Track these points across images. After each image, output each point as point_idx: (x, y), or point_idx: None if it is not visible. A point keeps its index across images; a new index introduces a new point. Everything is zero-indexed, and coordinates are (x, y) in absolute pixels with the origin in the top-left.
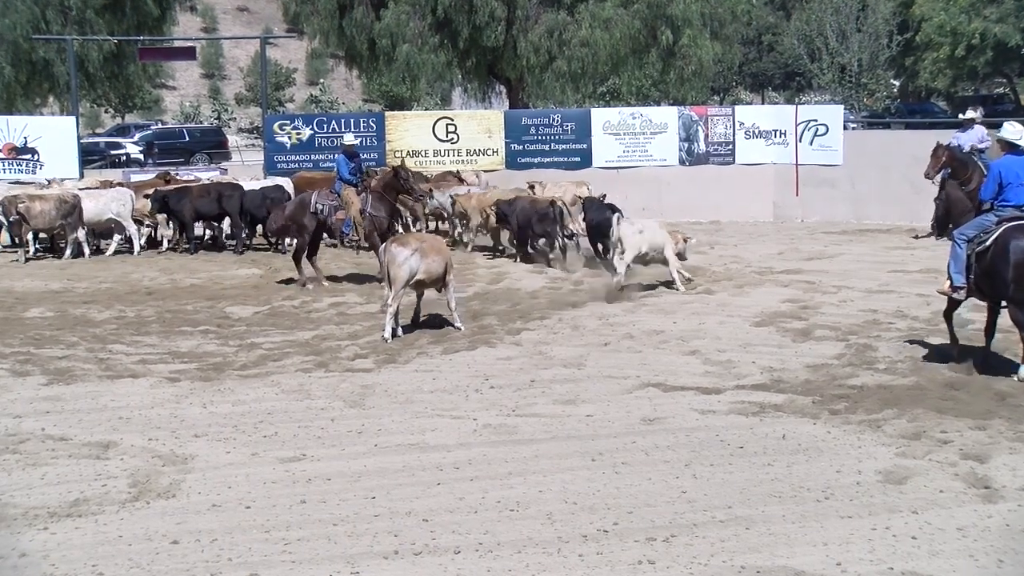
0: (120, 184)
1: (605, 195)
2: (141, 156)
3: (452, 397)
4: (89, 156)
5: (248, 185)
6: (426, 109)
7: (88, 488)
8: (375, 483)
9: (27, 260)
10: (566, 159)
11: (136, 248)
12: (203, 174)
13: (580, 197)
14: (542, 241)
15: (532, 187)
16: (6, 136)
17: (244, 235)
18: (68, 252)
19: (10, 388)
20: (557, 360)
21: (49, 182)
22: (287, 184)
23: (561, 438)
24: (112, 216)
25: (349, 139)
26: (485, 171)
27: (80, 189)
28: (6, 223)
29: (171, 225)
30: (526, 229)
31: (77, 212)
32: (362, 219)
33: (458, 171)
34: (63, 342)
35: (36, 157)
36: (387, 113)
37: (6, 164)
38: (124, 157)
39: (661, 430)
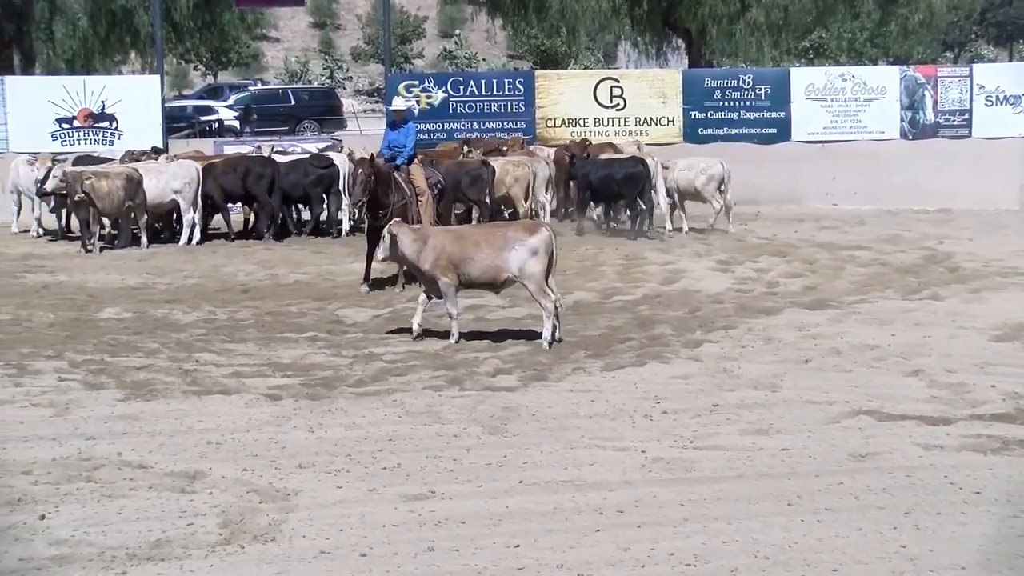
0: (191, 155)
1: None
2: (236, 123)
3: (615, 424)
4: (175, 123)
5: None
6: (585, 68)
7: (172, 527)
8: (519, 528)
9: (101, 250)
10: (758, 130)
11: (185, 238)
12: (311, 146)
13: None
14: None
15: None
16: (82, 100)
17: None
18: (184, 236)
19: (82, 403)
20: (745, 380)
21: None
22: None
23: (749, 477)
24: (173, 196)
25: (398, 103)
26: (656, 144)
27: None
28: (64, 205)
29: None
30: (605, 191)
31: (143, 192)
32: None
33: (638, 144)
34: (142, 349)
35: (115, 125)
36: (538, 72)
37: (82, 134)
38: (216, 124)
39: (874, 469)
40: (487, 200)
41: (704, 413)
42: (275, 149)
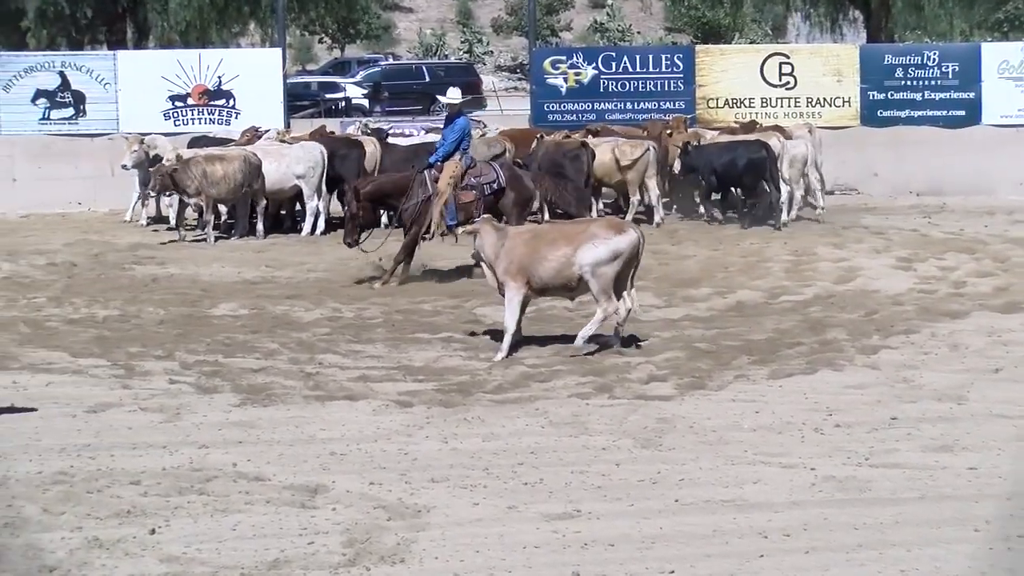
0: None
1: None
2: (365, 102)
3: (781, 438)
4: (298, 101)
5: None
6: (751, 42)
7: (290, 546)
8: (674, 552)
9: (216, 240)
10: (944, 113)
11: (308, 228)
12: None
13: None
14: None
15: None
16: (197, 76)
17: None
18: (307, 226)
19: (194, 408)
20: (928, 390)
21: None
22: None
23: (932, 498)
24: (296, 182)
25: (452, 95)
26: (829, 127)
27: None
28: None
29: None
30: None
31: (262, 177)
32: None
33: (809, 128)
34: (259, 350)
35: (232, 103)
36: (698, 47)
37: (197, 112)
38: (343, 103)
39: None
40: (584, 184)
41: (881, 427)
42: (391, 132)
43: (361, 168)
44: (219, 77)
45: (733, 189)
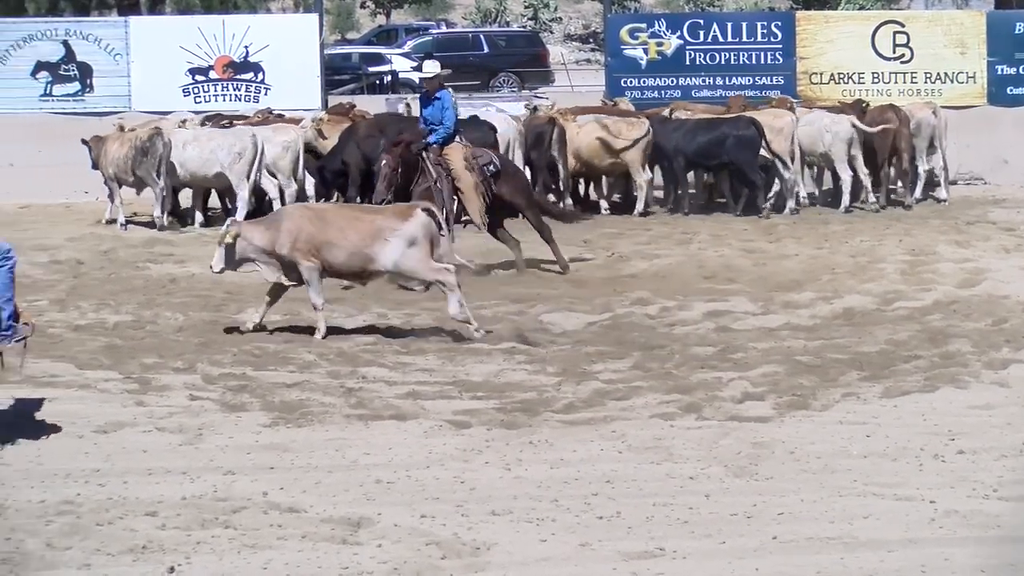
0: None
1: None
2: (414, 76)
3: (896, 466)
4: (336, 75)
5: None
6: (861, 8)
7: None
8: None
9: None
10: None
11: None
12: (509, 105)
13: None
14: None
15: None
16: (221, 46)
17: None
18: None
19: (219, 428)
20: None
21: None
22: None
23: None
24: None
25: (428, 69)
26: (952, 107)
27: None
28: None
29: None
30: None
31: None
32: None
33: (933, 109)
34: (293, 361)
35: (261, 77)
36: (799, 14)
37: (221, 88)
38: (389, 77)
39: None
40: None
41: (1012, 454)
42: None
43: None
44: (246, 47)
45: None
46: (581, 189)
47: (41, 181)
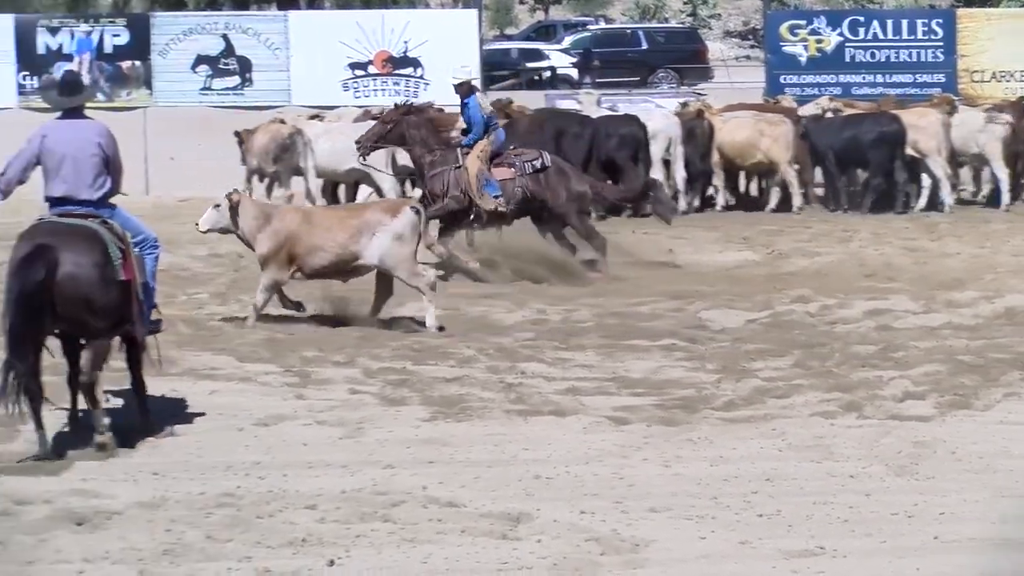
0: None
1: None
2: (573, 72)
3: None
4: (495, 71)
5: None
6: (1023, 6)
7: None
8: None
9: None
10: None
11: None
12: (666, 101)
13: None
14: None
15: None
16: (380, 41)
17: None
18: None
19: (379, 422)
20: None
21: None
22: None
23: None
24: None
25: (458, 75)
26: None
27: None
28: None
29: None
30: None
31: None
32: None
33: None
34: (453, 356)
35: (420, 72)
36: (960, 11)
37: (380, 82)
38: (547, 73)
39: None
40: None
41: None
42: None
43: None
44: (405, 42)
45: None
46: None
47: (201, 174)
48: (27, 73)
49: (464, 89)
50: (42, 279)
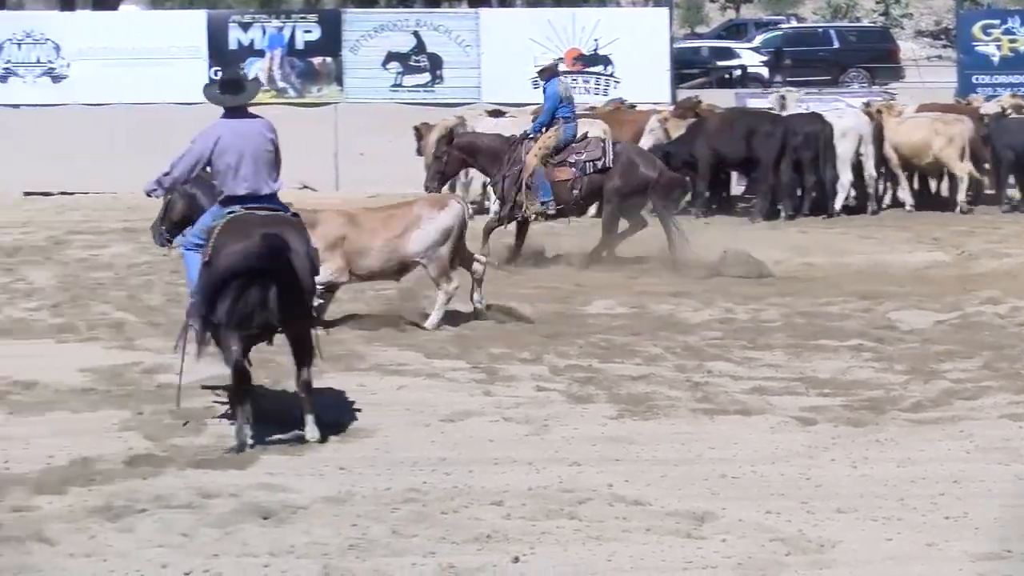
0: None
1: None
2: (764, 71)
3: None
4: (685, 69)
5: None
6: None
7: None
8: None
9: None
10: None
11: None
12: (857, 100)
13: None
14: None
15: None
16: (571, 38)
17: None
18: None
19: (565, 420)
20: None
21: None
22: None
23: None
24: None
25: (543, 61)
26: None
27: None
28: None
29: None
30: None
31: None
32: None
33: None
34: (640, 354)
35: (610, 70)
36: None
37: (570, 80)
38: (738, 72)
39: None
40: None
41: None
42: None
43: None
44: (596, 40)
45: None
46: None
47: (390, 171)
48: (218, 68)
49: (547, 74)
50: (279, 264)
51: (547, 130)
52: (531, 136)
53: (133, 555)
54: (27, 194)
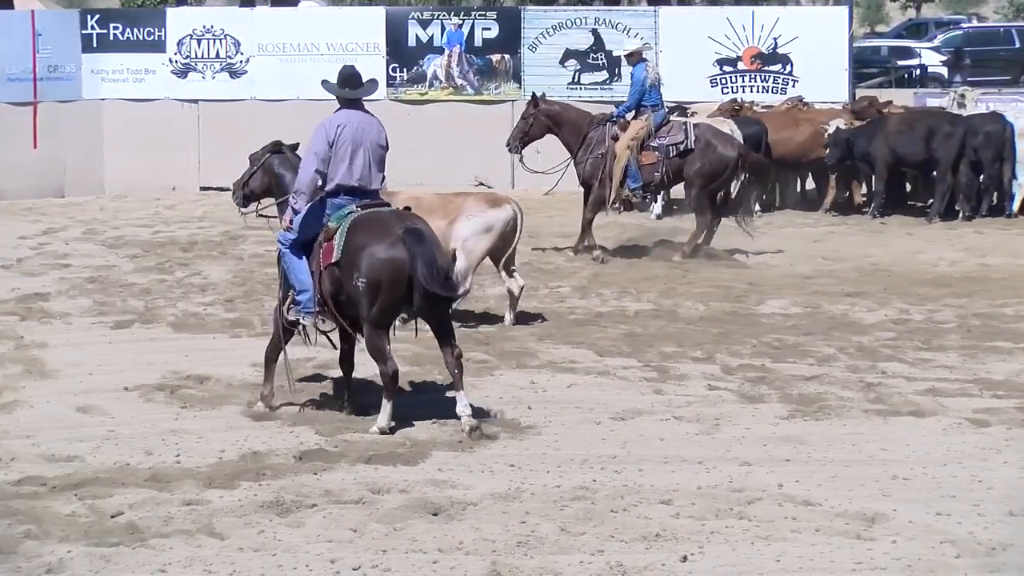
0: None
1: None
2: (944, 70)
3: None
4: (865, 68)
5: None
6: None
7: None
8: None
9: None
10: None
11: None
12: None
13: None
14: None
15: None
16: (750, 37)
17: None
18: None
19: (737, 419)
20: None
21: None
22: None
23: None
24: None
25: (628, 45)
26: None
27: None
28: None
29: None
30: None
31: None
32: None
33: None
34: (813, 354)
35: (789, 68)
36: None
37: (748, 79)
38: (917, 71)
39: None
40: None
41: None
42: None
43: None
44: (775, 39)
45: None
46: None
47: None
48: (396, 65)
49: (634, 59)
50: (429, 258)
51: (633, 117)
52: (614, 119)
53: (302, 550)
54: (203, 189)
